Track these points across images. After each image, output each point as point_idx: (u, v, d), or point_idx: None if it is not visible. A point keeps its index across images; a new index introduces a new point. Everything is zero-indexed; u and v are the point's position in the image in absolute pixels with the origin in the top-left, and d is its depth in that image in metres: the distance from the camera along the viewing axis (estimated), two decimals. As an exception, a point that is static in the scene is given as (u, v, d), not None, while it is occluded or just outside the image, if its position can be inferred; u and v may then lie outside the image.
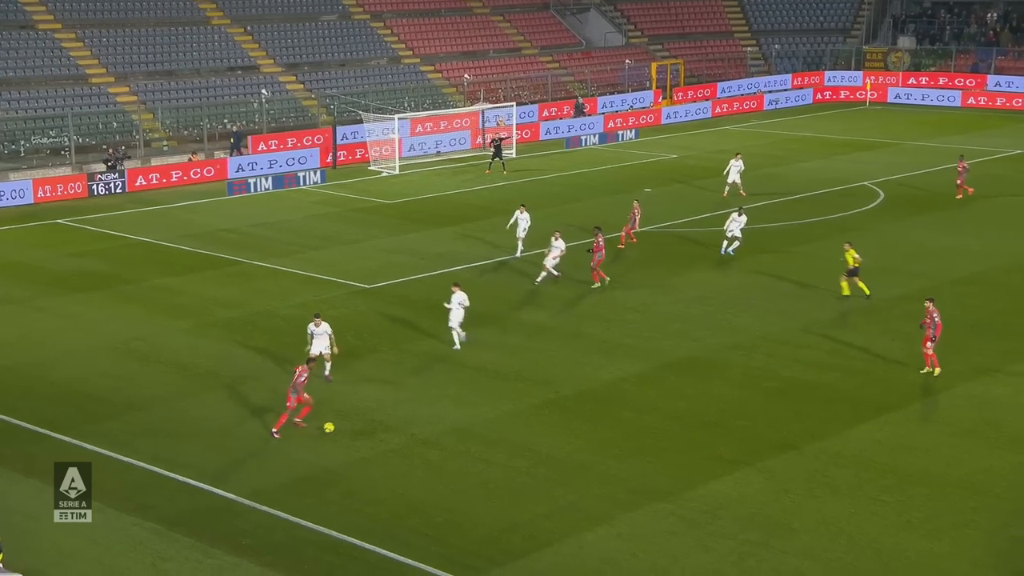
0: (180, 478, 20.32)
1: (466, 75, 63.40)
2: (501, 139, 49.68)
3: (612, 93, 67.08)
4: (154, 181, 46.82)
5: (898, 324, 27.93)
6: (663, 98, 67.29)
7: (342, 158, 51.78)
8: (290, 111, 58.16)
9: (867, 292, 29.87)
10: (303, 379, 21.92)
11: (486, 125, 55.65)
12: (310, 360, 22.91)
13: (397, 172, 49.68)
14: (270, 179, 47.08)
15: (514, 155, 53.34)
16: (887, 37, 77.05)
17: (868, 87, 70.27)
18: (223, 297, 31.42)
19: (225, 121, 55.24)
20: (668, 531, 18.47)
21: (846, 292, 30.08)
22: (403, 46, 67.27)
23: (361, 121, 53.51)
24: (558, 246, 31.61)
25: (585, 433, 22.20)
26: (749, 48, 76.51)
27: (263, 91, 56.16)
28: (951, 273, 32.36)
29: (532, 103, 62.73)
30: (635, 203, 37.01)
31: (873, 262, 33.85)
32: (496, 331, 28.25)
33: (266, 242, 37.74)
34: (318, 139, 53.24)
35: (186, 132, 53.31)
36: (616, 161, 52.02)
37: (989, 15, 75.02)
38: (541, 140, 58.05)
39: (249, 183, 46.35)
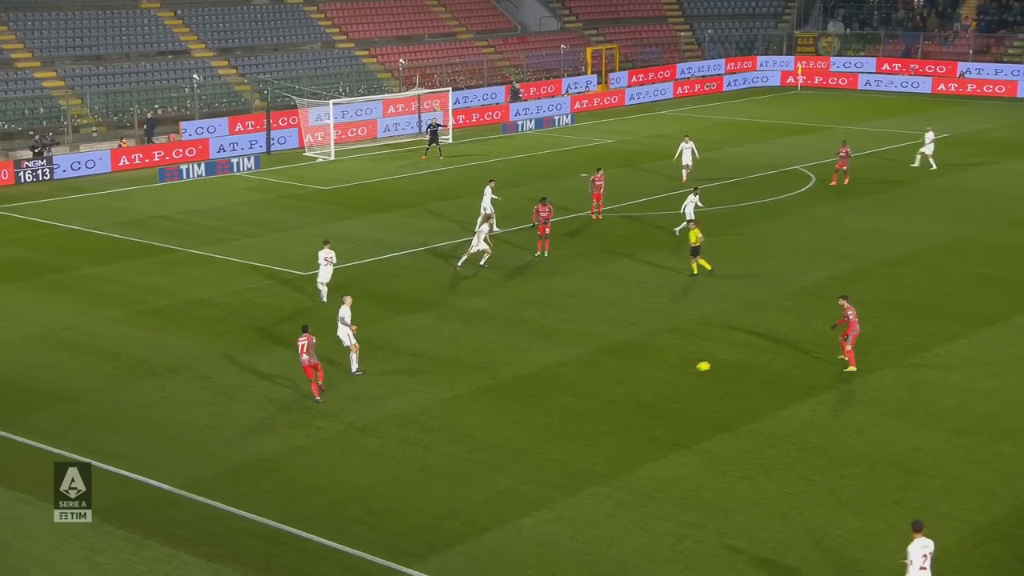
0: (113, 469, 20.02)
1: (401, 60, 63.04)
2: (438, 125, 49.54)
3: (547, 78, 67.11)
4: (83, 167, 45.95)
5: (830, 306, 28.38)
6: (599, 83, 67.50)
7: (276, 144, 51.24)
8: (223, 96, 57.40)
9: (708, 267, 30.67)
10: (305, 348, 22.55)
11: (423, 111, 55.42)
12: (306, 328, 23.00)
13: (332, 158, 49.29)
14: (203, 165, 46.46)
15: (450, 141, 53.21)
16: (818, 22, 78.05)
17: (799, 72, 71.11)
18: (155, 285, 30.98)
19: (156, 107, 54.36)
20: (606, 514, 18.62)
21: (695, 271, 30.75)
22: (337, 30, 66.67)
23: (296, 107, 52.98)
24: (483, 231, 31.35)
25: (523, 418, 22.27)
26: (683, 33, 77.02)
27: (195, 76, 55.35)
28: (881, 255, 32.95)
29: (468, 88, 62.58)
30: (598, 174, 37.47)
31: (805, 245, 34.35)
32: (434, 317, 28.20)
33: (199, 229, 37.24)
34: (251, 125, 52.62)
35: (116, 118, 52.37)
36: (553, 146, 52.11)
37: (916, 0, 76.31)
38: (477, 125, 57.96)
39: (181, 169, 45.72)
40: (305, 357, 22.85)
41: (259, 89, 57.55)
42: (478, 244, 31.50)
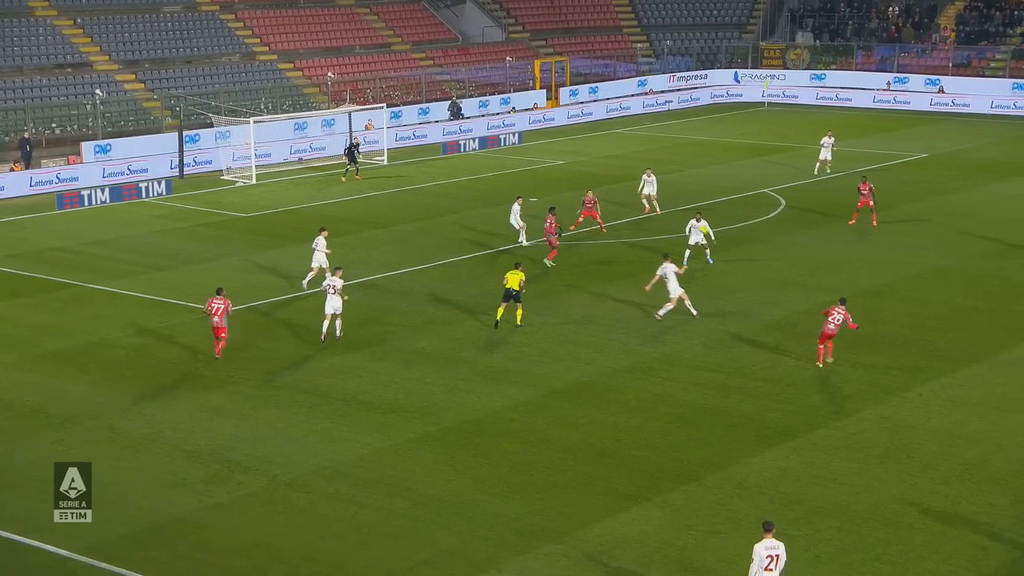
0: (3, 534, 19.61)
1: (330, 73, 63.09)
2: (356, 144, 49.77)
3: (492, 93, 67.55)
4: (-29, 194, 45.36)
5: (803, 343, 28.69)
6: (548, 99, 68.03)
7: (190, 167, 50.94)
8: (129, 114, 57.02)
9: (519, 322, 29.98)
10: (218, 312, 26.90)
11: (354, 128, 55.48)
12: (220, 291, 27.45)
13: (254, 182, 49.09)
14: (107, 191, 46.03)
15: (385, 162, 53.26)
16: (785, 33, 79.49)
17: (766, 86, 72.24)
18: (53, 325, 30.53)
19: (53, 126, 53.82)
20: None
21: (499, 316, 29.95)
22: (257, 41, 66.61)
23: (211, 125, 52.73)
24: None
25: (468, 469, 22.21)
26: (639, 44, 77.95)
27: (97, 91, 54.94)
28: (856, 286, 33.42)
29: (404, 104, 62.76)
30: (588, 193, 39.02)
31: (775, 275, 34.75)
32: (367, 357, 28.08)
33: (103, 262, 36.83)
34: (162, 145, 52.25)
35: (8, 138, 51.73)
36: (498, 168, 52.34)
37: (891, 9, 78.03)
38: (415, 145, 58.11)
39: (82, 195, 45.28)
40: (216, 319, 27.02)
41: (170, 106, 57.26)
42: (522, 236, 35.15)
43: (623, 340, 29.27)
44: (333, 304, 28.70)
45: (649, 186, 42.45)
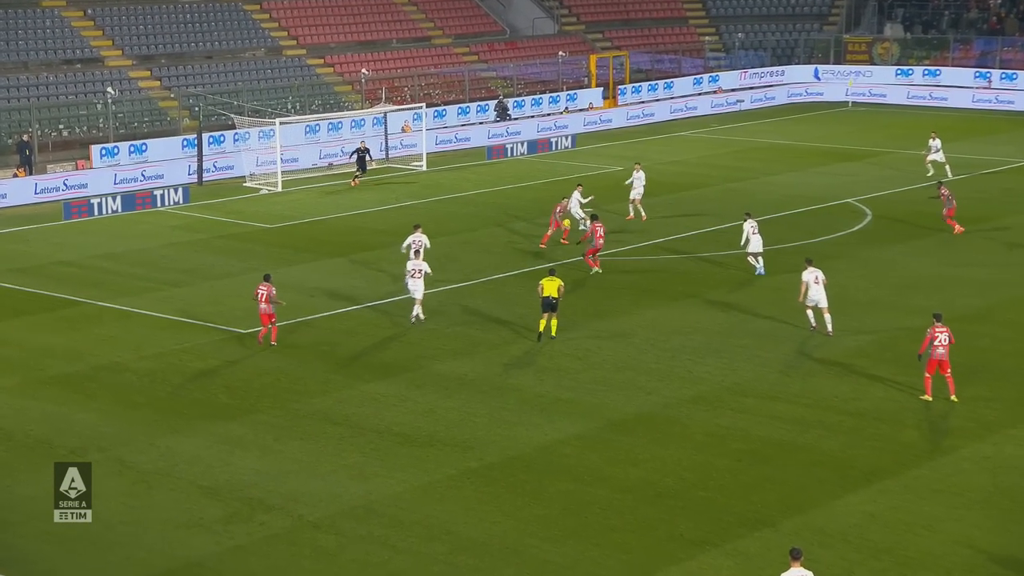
0: (4, 577, 19.83)
1: (364, 70, 63.51)
2: (366, 149, 50.07)
3: (543, 92, 67.67)
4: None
5: (892, 371, 28.39)
6: (605, 97, 68.05)
7: (210, 172, 51.40)
8: (143, 114, 57.67)
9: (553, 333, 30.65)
10: (264, 298, 29.70)
11: (388, 131, 55.79)
12: (267, 277, 30.48)
13: (279, 189, 49.44)
14: (118, 199, 46.54)
15: (424, 168, 53.47)
16: (872, 25, 78.98)
17: (850, 84, 71.82)
18: (58, 347, 30.84)
19: (61, 127, 54.52)
20: (619, 630, 18.47)
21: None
22: (285, 34, 67.21)
23: (234, 127, 53.21)
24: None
25: (515, 510, 22.14)
26: (707, 38, 77.80)
27: (109, 89, 55.62)
28: (951, 308, 32.96)
29: (446, 104, 63.03)
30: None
31: (860, 295, 34.45)
32: (403, 384, 28.13)
33: (113, 277, 37.20)
34: (179, 149, 52.77)
35: (11, 140, 52.46)
36: (548, 175, 52.37)
37: (992, -1, 77.40)
38: (457, 149, 58.29)
39: (92, 204, 45.81)
40: (263, 306, 29.67)
41: (189, 105, 57.84)
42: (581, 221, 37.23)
43: (688, 367, 29.12)
44: (415, 287, 31.70)
45: (638, 185, 42.49)
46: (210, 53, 64.11)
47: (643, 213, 42.95)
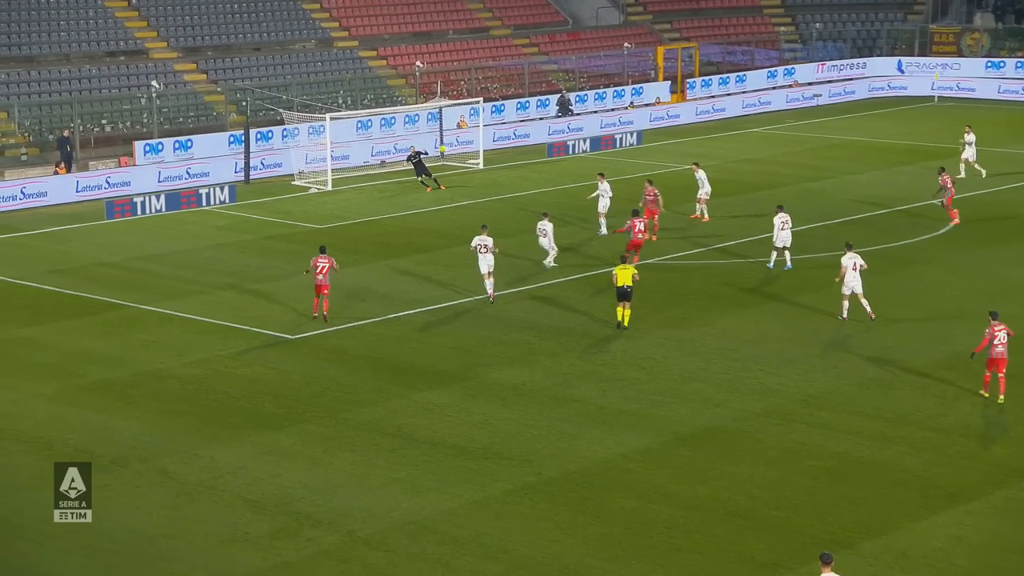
0: (41, 592, 20.05)
1: (418, 62, 63.75)
2: (419, 153, 49.73)
3: (607, 85, 67.59)
4: (9, 199, 46.60)
5: (979, 384, 28.06)
6: (673, 92, 67.85)
7: (257, 170, 51.78)
8: (189, 109, 58.17)
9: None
10: (323, 270, 32.18)
11: (443, 127, 55.91)
12: (323, 249, 32.96)
13: (329, 188, 49.71)
14: (162, 198, 46.99)
15: (481, 166, 53.56)
16: (960, 14, 78.21)
17: (936, 78, 71.12)
18: (99, 352, 31.17)
19: (103, 122, 55.14)
20: (685, 657, 18.40)
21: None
22: (336, 25, 67.63)
23: (283, 122, 53.57)
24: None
25: (575, 528, 22.12)
26: (783, 28, 77.40)
27: (153, 83, 56.22)
28: (1046, 317, 32.61)
29: (504, 98, 63.10)
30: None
31: (946, 303, 34.09)
32: (458, 394, 28.18)
33: (157, 279, 37.56)
34: (226, 145, 53.20)
35: (52, 136, 53.15)
36: (612, 173, 52.17)
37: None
38: (516, 146, 58.36)
39: (135, 203, 46.26)
40: (320, 278, 32.15)
41: (236, 100, 58.34)
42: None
43: (760, 378, 28.95)
44: (486, 262, 33.64)
45: (703, 183, 42.57)
46: (258, 45, 64.63)
47: (706, 214, 42.83)
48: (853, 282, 31.82)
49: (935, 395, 27.90)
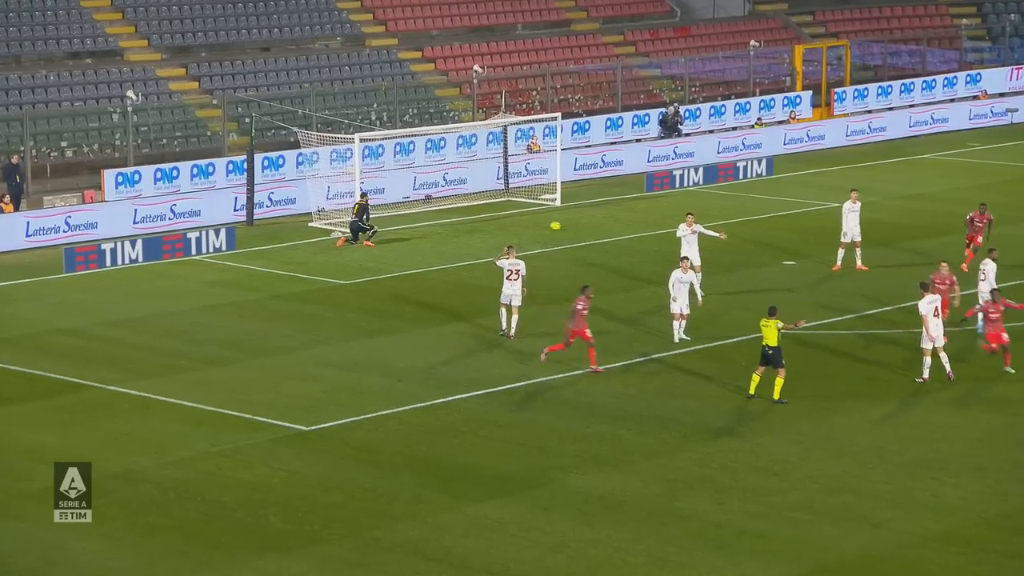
0: None
1: (476, 67, 63.87)
2: (364, 205, 48.08)
3: (727, 97, 67.54)
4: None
5: None
6: (815, 105, 67.71)
7: (264, 208, 52.03)
8: (175, 127, 58.44)
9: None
10: (580, 307, 34.31)
11: (509, 151, 55.98)
12: (585, 288, 34.66)
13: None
14: (139, 244, 47.16)
15: (558, 203, 53.52)
16: None
17: None
18: (53, 448, 31.23)
19: (63, 145, 55.27)
20: None
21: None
22: (369, 18, 68.08)
23: (298, 144, 53.87)
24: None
25: None
26: (965, 21, 77.03)
27: (129, 93, 56.14)
28: None
29: (590, 113, 63.17)
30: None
31: None
32: (525, 504, 28.07)
33: (130, 352, 37.77)
34: (223, 175, 53.52)
35: (1, 158, 53.47)
36: (734, 213, 52.12)
37: None
38: (605, 176, 58.40)
39: (103, 251, 46.40)
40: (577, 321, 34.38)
41: (237, 115, 58.69)
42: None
43: (935, 490, 28.66)
44: (513, 291, 36.50)
45: (688, 244, 41.35)
46: (267, 44, 65.06)
47: (858, 261, 42.63)
48: (936, 331, 32.74)
49: None
